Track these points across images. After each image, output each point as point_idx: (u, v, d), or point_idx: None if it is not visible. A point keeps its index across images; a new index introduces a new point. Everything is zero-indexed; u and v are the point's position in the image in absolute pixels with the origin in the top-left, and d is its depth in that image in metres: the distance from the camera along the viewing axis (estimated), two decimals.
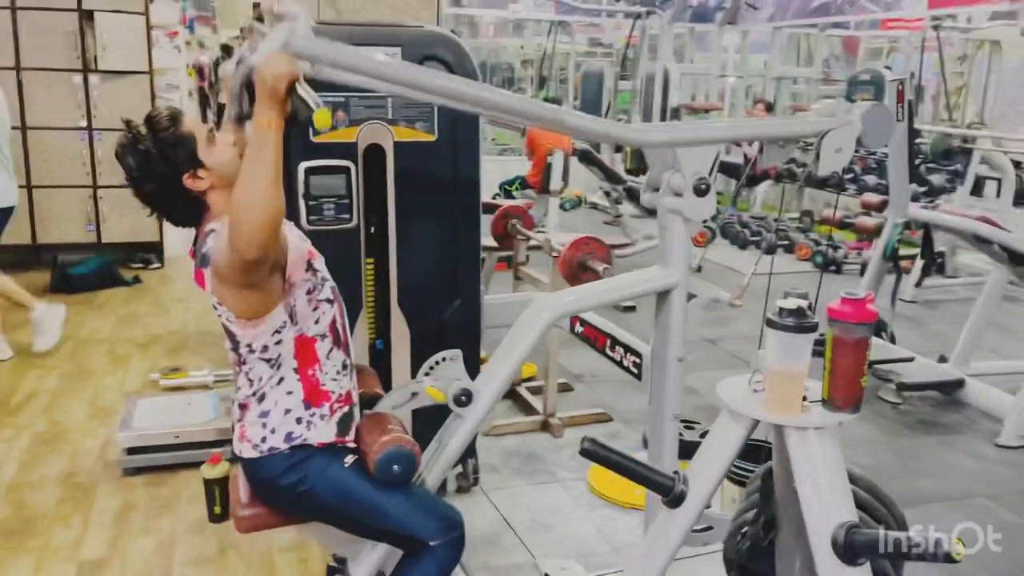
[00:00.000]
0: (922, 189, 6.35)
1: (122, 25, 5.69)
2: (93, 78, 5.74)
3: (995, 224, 3.83)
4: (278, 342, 1.79)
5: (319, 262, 1.87)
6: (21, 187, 5.71)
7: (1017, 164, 7.11)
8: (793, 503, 1.78)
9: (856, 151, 7.61)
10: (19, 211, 5.73)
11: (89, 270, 5.54)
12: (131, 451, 3.09)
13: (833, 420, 1.53)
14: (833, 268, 6.69)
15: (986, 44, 10.81)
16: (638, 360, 2.54)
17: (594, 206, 9.60)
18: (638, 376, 2.58)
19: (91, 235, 5.97)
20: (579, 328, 2.87)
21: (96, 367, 4.18)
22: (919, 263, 5.06)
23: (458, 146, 2.71)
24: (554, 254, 3.42)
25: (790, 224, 8.02)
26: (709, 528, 2.50)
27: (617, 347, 2.64)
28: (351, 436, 1.90)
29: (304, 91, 1.51)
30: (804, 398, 1.57)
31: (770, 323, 1.52)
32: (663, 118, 9.28)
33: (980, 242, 3.89)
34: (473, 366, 2.55)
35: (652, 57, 9.25)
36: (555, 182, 6.70)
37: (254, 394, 1.85)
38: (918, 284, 5.66)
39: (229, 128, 2.11)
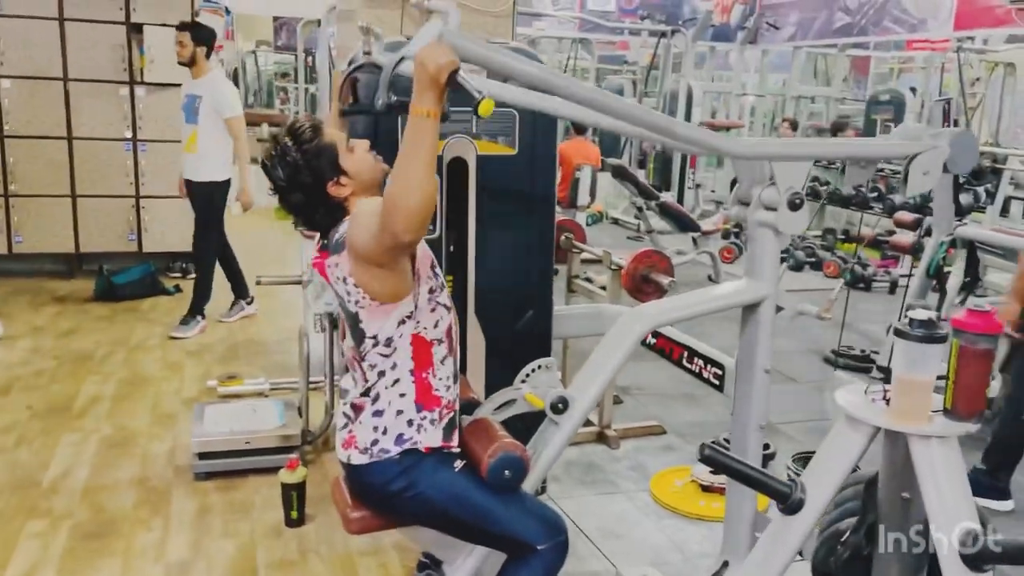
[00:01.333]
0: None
1: (169, 39, 5.73)
2: (139, 90, 5.83)
3: None
4: (400, 336, 1.84)
5: (439, 269, 1.93)
6: (64, 196, 5.83)
7: None
8: (900, 511, 1.84)
9: (879, 170, 7.75)
10: (63, 220, 5.85)
11: (132, 279, 5.60)
12: (203, 456, 3.14)
13: (958, 429, 1.58)
14: (862, 286, 6.74)
15: (1000, 66, 10.93)
16: (720, 372, 2.60)
17: (615, 221, 9.67)
18: (720, 388, 2.63)
19: (132, 244, 6.04)
20: (652, 340, 2.92)
21: (151, 374, 4.24)
22: (954, 281, 5.13)
23: (536, 160, 2.77)
24: (613, 267, 3.49)
25: (814, 242, 8.08)
26: None
27: (696, 359, 2.70)
28: (456, 441, 1.95)
29: (465, 80, 1.55)
30: None
31: (899, 333, 1.57)
32: None
33: None
34: None
35: (674, 75, 9.36)
36: (583, 197, 6.78)
37: (367, 392, 1.89)
38: (962, 302, 5.69)
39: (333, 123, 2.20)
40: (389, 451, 1.88)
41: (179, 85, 5.86)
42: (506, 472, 1.88)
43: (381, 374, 1.87)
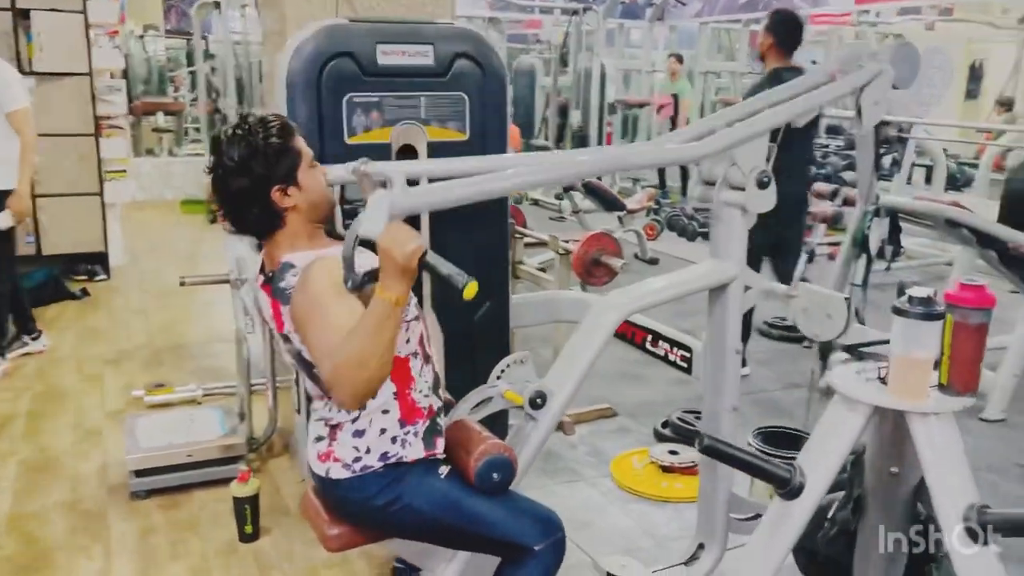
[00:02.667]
0: None
1: (59, 24, 5.38)
2: (29, 80, 5.40)
3: (964, 209, 4.03)
4: None
5: None
6: None
7: (944, 152, 7.52)
8: (887, 487, 1.84)
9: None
10: None
11: (34, 284, 5.22)
12: (140, 473, 2.93)
13: (956, 404, 1.58)
14: None
15: (891, 37, 11.39)
16: (687, 354, 2.57)
17: (535, 202, 9.64)
18: (688, 370, 2.60)
19: (30, 247, 5.63)
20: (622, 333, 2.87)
21: (69, 387, 3.96)
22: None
23: (487, 145, 2.68)
24: (562, 252, 3.43)
25: None
26: (758, 516, 2.55)
27: (661, 342, 2.67)
28: (440, 447, 1.86)
29: (439, 263, 1.53)
30: None
31: (898, 311, 1.55)
32: (600, 112, 9.41)
33: (951, 226, 4.08)
34: None
35: (584, 53, 9.35)
36: None
37: (348, 417, 1.78)
38: (887, 269, 5.87)
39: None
40: (372, 466, 1.77)
41: (79, 74, 5.52)
42: (494, 474, 1.80)
43: (361, 406, 1.76)
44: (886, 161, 6.97)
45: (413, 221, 2.63)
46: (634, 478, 3.12)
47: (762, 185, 2.16)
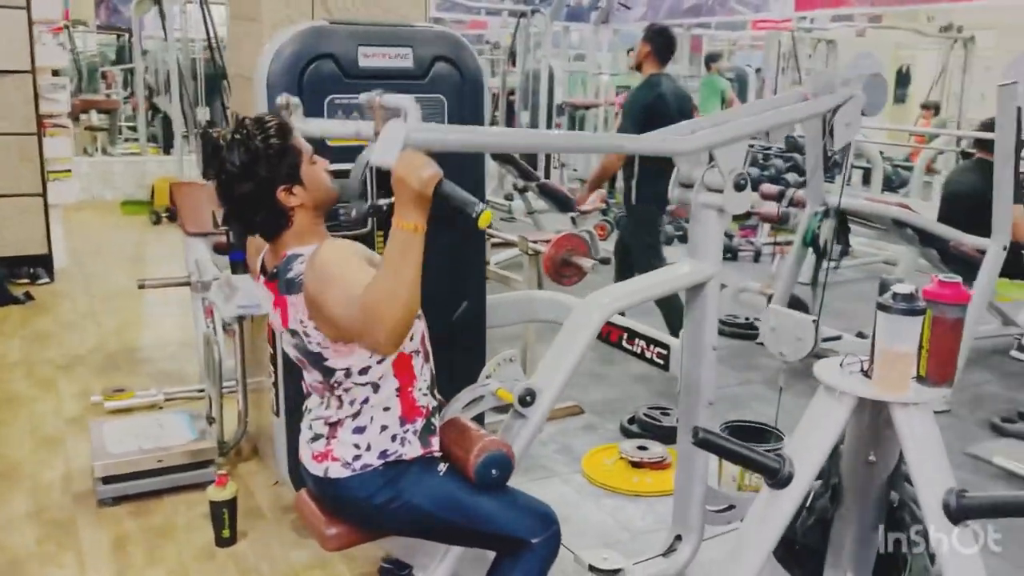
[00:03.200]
0: (802, 179, 6.83)
1: (2, 21, 5.21)
2: None
3: (910, 210, 4.21)
4: (379, 361, 1.76)
5: None
6: None
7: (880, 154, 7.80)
8: (863, 475, 1.93)
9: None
10: None
11: None
12: (108, 480, 2.88)
13: (936, 395, 1.67)
14: (729, 256, 7.06)
15: (823, 43, 11.76)
16: (664, 351, 2.64)
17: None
18: (664, 367, 2.67)
19: None
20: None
21: (21, 393, 3.84)
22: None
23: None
24: (531, 252, 3.48)
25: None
26: (731, 507, 2.65)
27: (637, 340, 2.73)
28: (436, 445, 1.88)
29: (454, 190, 1.53)
30: None
31: (882, 307, 1.64)
32: (549, 114, 9.48)
33: (897, 226, 4.26)
34: (481, 364, 2.56)
35: (532, 54, 9.42)
36: None
37: (349, 413, 1.80)
38: (836, 267, 6.06)
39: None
40: (372, 464, 1.79)
41: (22, 72, 5.36)
42: (493, 471, 1.84)
43: (364, 400, 1.79)
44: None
45: (390, 205, 2.63)
46: (605, 474, 3.18)
47: (739, 187, 2.24)
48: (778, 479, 1.77)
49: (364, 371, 1.76)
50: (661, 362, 2.67)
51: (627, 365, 4.06)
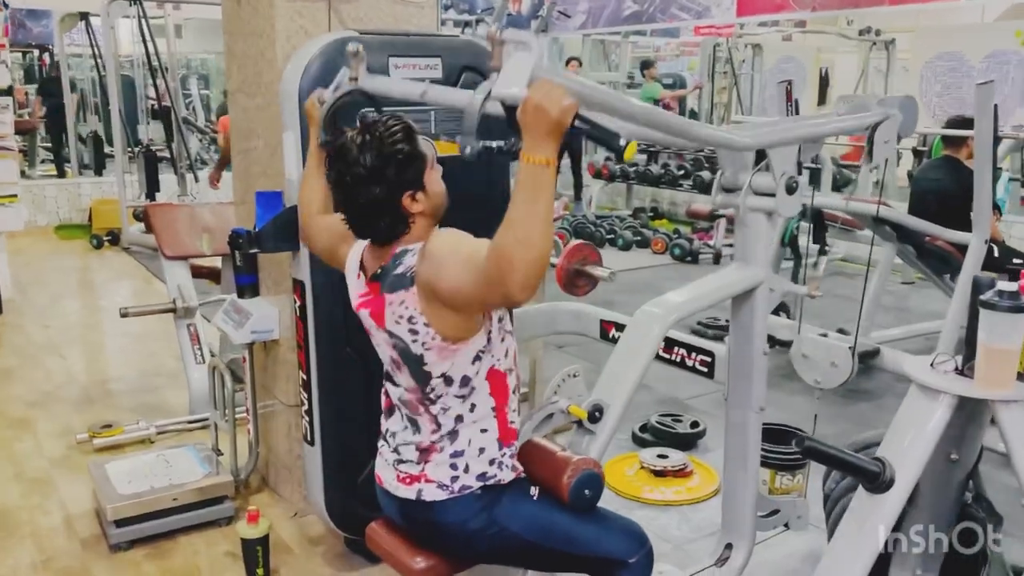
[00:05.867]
0: None
1: None
2: None
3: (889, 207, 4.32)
4: (477, 374, 1.68)
5: None
6: None
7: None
8: (942, 473, 1.94)
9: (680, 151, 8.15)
10: None
11: None
12: (121, 523, 2.70)
13: None
14: (690, 259, 7.15)
15: (750, 47, 12.09)
16: (709, 359, 2.62)
17: None
18: (709, 374, 2.65)
19: None
20: (616, 333, 2.89)
21: None
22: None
23: (491, 160, 2.63)
24: None
25: (620, 221, 8.41)
26: (776, 512, 2.64)
27: (678, 349, 2.70)
28: (521, 467, 1.82)
29: (595, 122, 1.44)
30: None
31: (986, 305, 1.65)
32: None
33: (877, 223, 4.37)
34: None
35: None
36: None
37: (441, 434, 1.71)
38: (814, 265, 6.18)
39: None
40: (471, 487, 1.71)
41: None
42: (586, 491, 1.78)
43: (459, 419, 1.71)
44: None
45: None
46: (629, 484, 3.15)
47: (790, 190, 2.24)
48: (879, 483, 1.77)
49: (463, 382, 1.68)
50: (705, 370, 2.65)
51: None
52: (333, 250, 1.92)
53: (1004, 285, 1.64)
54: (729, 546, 2.51)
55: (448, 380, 1.68)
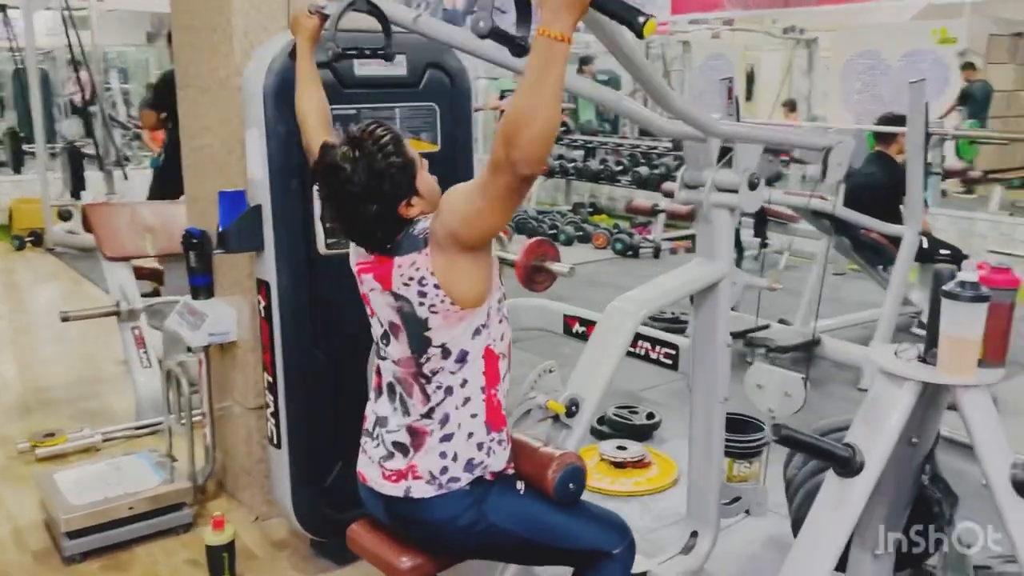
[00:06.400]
0: None
1: None
2: None
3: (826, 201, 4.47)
4: (474, 348, 1.69)
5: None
6: None
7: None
8: (903, 456, 2.02)
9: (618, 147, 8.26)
10: None
11: None
12: (74, 534, 2.60)
13: (995, 376, 1.77)
14: (631, 253, 7.25)
15: (680, 44, 12.32)
16: (673, 352, 2.67)
17: None
18: (673, 367, 2.70)
19: None
20: (581, 329, 2.93)
21: None
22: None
23: (456, 154, 2.64)
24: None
25: (561, 216, 8.48)
26: (737, 499, 2.72)
27: (641, 342, 2.75)
28: (511, 461, 1.83)
29: None
30: None
31: (947, 294, 1.72)
32: None
33: (816, 216, 4.52)
34: None
35: None
36: None
37: (430, 414, 1.71)
38: (755, 258, 6.31)
39: None
40: (459, 479, 1.71)
41: None
42: (571, 485, 1.80)
43: (449, 391, 1.70)
44: None
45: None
46: (590, 476, 3.18)
47: (752, 186, 2.30)
48: (850, 468, 1.83)
49: (462, 356, 1.68)
50: (669, 362, 2.70)
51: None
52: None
53: (965, 276, 1.71)
54: (695, 533, 2.57)
55: (446, 352, 1.67)
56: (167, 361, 2.95)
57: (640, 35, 1.42)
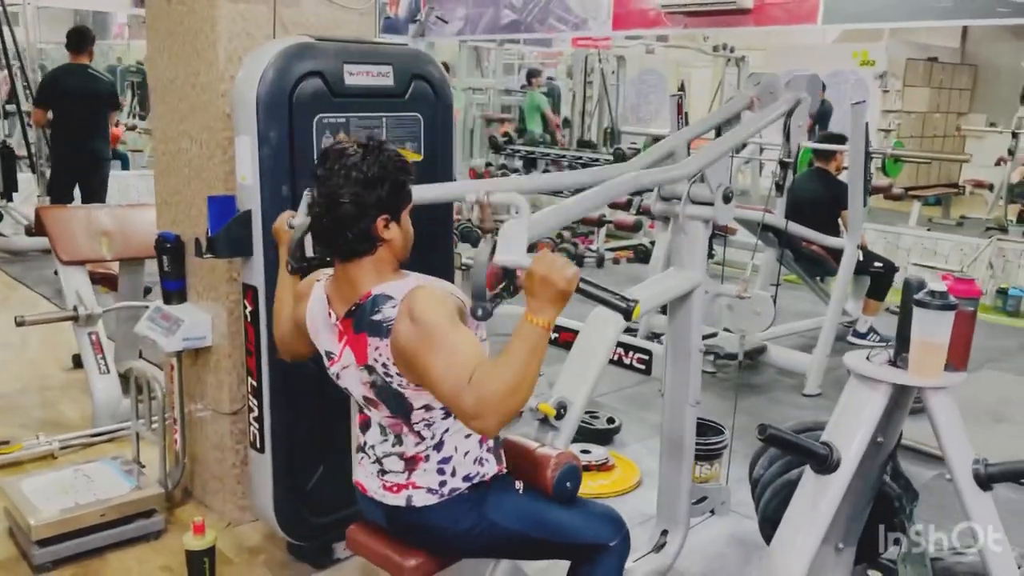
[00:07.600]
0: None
1: None
2: None
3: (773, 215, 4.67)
4: None
5: None
6: None
7: None
8: (868, 454, 2.16)
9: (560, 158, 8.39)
10: None
11: None
12: (44, 542, 2.55)
13: (959, 379, 1.92)
14: (575, 263, 7.34)
15: (615, 59, 12.59)
16: (646, 357, 2.77)
17: None
18: (646, 371, 2.80)
19: None
20: (554, 335, 3.00)
21: None
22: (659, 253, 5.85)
23: (438, 162, 2.69)
24: (463, 267, 3.49)
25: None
26: (704, 499, 2.84)
27: (616, 348, 2.84)
28: (504, 461, 1.90)
29: (599, 288, 1.59)
30: None
31: (919, 303, 1.86)
32: None
33: (764, 229, 4.71)
34: None
35: None
36: None
37: (426, 443, 1.79)
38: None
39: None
40: (459, 488, 1.78)
41: None
42: (568, 483, 1.89)
43: (446, 431, 1.77)
44: None
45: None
46: None
47: (727, 199, 2.42)
48: (827, 466, 1.95)
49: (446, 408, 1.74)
50: (642, 367, 2.80)
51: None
52: (300, 331, 1.90)
53: (934, 286, 1.86)
54: (665, 532, 2.68)
55: (429, 408, 1.74)
56: (136, 365, 2.91)
57: (629, 317, 1.62)
